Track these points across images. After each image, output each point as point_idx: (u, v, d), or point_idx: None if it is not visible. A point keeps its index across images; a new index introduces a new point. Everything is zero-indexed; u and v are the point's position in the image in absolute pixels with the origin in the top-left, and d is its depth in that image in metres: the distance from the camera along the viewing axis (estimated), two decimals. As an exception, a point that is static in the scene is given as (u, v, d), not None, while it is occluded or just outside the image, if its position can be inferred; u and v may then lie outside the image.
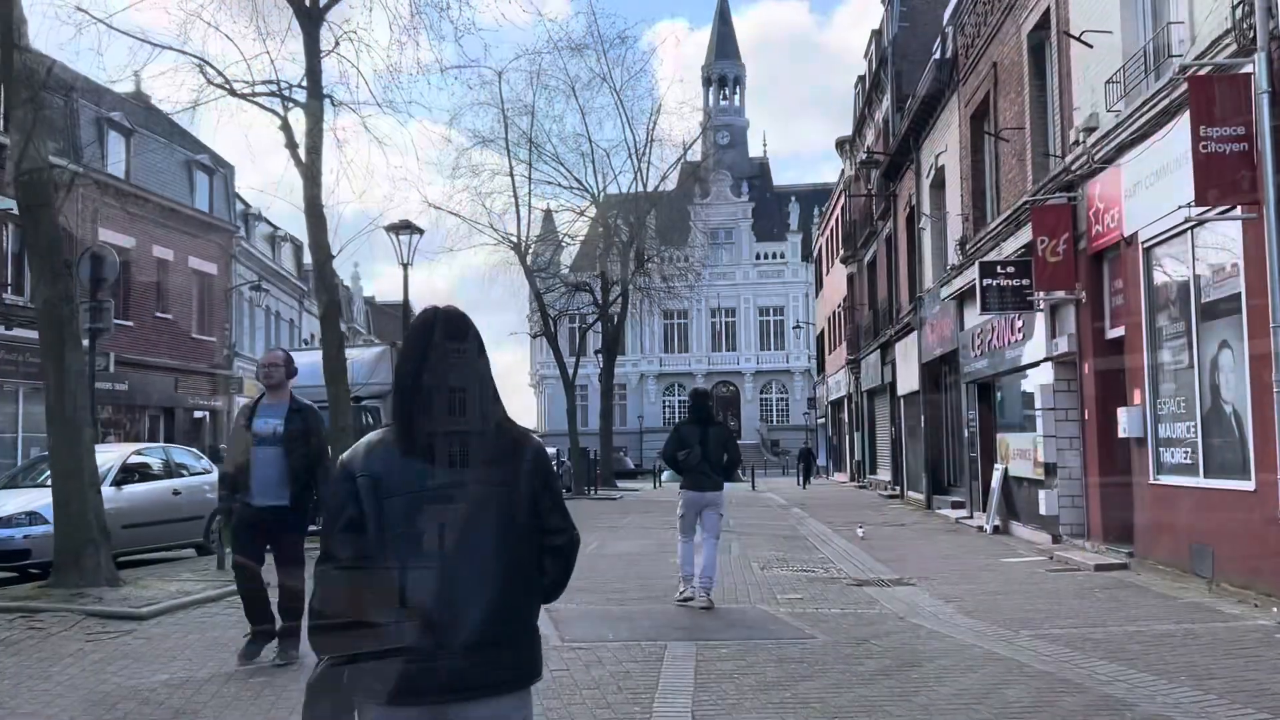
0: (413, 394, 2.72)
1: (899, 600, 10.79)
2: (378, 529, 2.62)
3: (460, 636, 2.59)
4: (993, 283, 15.29)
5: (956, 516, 20.95)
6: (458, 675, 2.59)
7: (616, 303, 36.73)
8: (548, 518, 2.78)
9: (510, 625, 2.69)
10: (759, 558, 14.80)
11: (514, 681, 2.70)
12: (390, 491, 2.64)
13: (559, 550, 2.81)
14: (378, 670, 2.60)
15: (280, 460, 7.26)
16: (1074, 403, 15.05)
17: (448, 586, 2.60)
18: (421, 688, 2.59)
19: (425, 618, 2.58)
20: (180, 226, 34.12)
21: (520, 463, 2.76)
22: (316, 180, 16.07)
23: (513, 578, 2.70)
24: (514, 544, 2.70)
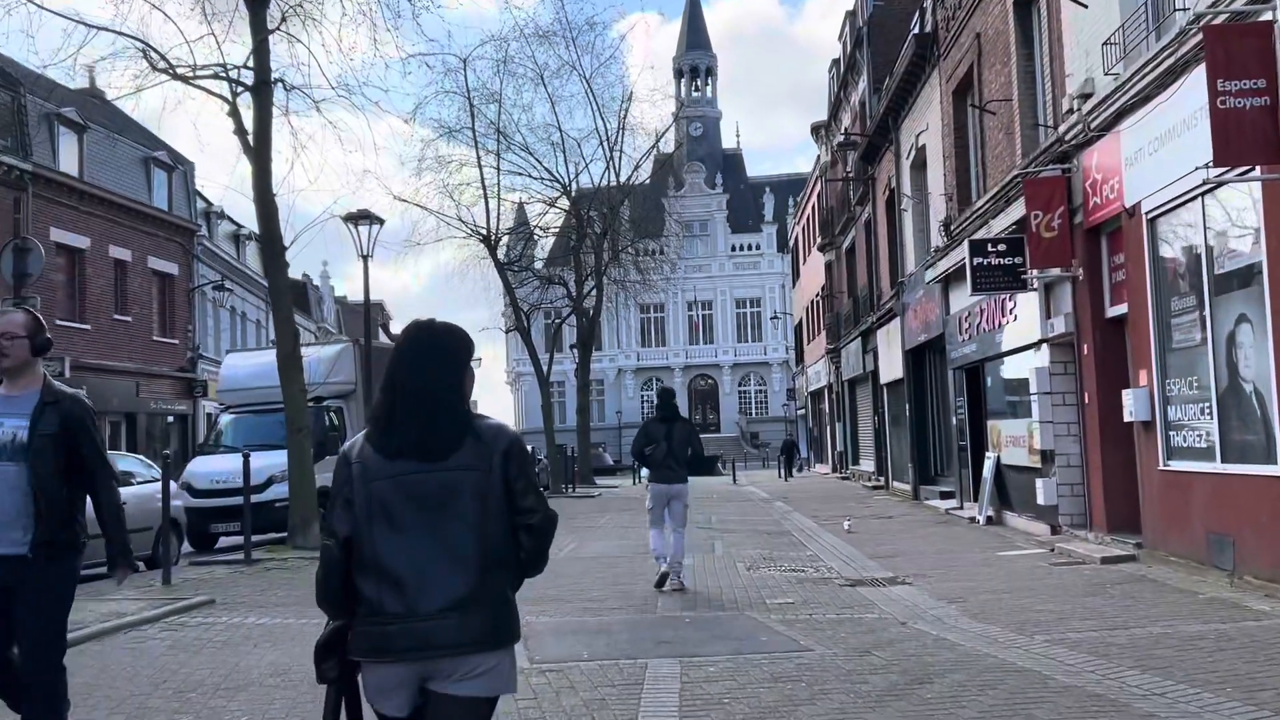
0: (389, 397, 3.14)
1: (897, 602, 10.00)
2: (366, 509, 3.04)
3: (433, 602, 2.95)
4: (983, 261, 14.52)
5: (946, 507, 20.22)
6: (431, 635, 2.94)
7: (591, 295, 35.85)
8: (521, 499, 3.11)
9: (480, 592, 3.00)
10: (744, 557, 13.99)
11: (484, 641, 3.01)
12: (374, 477, 3.06)
13: (533, 528, 3.13)
14: (367, 632, 3.00)
15: (21, 483, 4.67)
16: (1071, 386, 14.30)
17: (422, 558, 2.99)
18: (401, 646, 2.96)
19: (401, 585, 2.97)
20: (138, 225, 32.99)
21: (492, 452, 3.10)
22: (266, 167, 15.14)
23: (483, 552, 3.03)
24: (484, 522, 3.05)
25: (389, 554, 3.01)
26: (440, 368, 3.16)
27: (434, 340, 3.21)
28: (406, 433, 3.08)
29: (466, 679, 3.02)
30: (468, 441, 3.10)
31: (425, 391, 3.12)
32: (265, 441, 17.78)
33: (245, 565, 13.59)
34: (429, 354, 3.17)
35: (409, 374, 3.14)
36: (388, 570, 3.00)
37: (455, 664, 3.01)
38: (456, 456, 3.07)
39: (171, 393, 35.16)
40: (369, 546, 3.03)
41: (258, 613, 10.01)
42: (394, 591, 2.99)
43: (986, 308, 17.00)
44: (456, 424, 3.12)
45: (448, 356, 3.19)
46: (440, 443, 3.09)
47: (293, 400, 15.11)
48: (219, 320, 39.41)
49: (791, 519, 20.71)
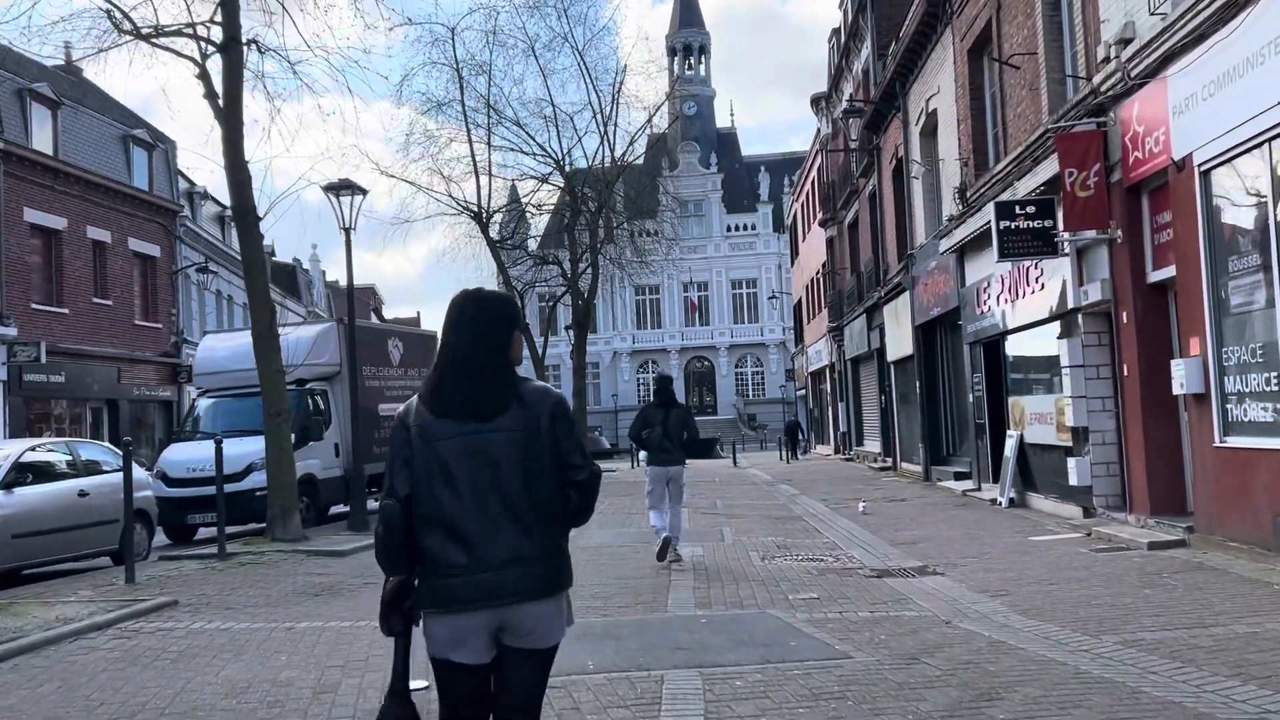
0: (440, 361, 3.36)
1: (934, 596, 9.02)
2: (426, 469, 3.25)
3: (494, 555, 3.19)
4: (1010, 225, 13.49)
5: (963, 489, 19.24)
6: (495, 586, 3.18)
7: (586, 275, 34.74)
8: (568, 457, 3.34)
9: (536, 545, 3.24)
10: (757, 545, 13.02)
11: (543, 590, 3.24)
12: (433, 438, 3.26)
13: (580, 484, 3.35)
14: (433, 585, 3.20)
15: None
16: (1107, 358, 13.32)
17: (483, 514, 3.21)
18: (466, 597, 3.17)
19: (465, 540, 3.19)
20: (117, 206, 31.85)
21: (539, 413, 3.30)
22: (237, 131, 14.05)
23: (537, 506, 3.26)
24: (536, 479, 3.27)
25: (451, 510, 3.19)
26: (485, 334, 3.33)
27: (479, 307, 3.37)
28: (455, 394, 3.26)
29: (535, 635, 3.25)
30: (514, 404, 3.28)
31: (471, 356, 3.29)
32: (245, 427, 16.79)
33: (218, 560, 12.58)
34: (475, 321, 3.34)
35: (457, 340, 3.32)
36: (451, 526, 3.18)
37: (523, 616, 3.21)
38: (504, 418, 3.26)
39: (155, 378, 34.08)
40: (431, 504, 3.21)
41: (223, 615, 9.00)
42: (458, 545, 3.18)
43: (1009, 276, 15.99)
44: (501, 387, 3.29)
45: (492, 323, 3.35)
46: (486, 404, 3.27)
47: (270, 381, 14.07)
48: (204, 303, 38.30)
49: (800, 503, 19.74)
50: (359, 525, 15.97)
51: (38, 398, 28.12)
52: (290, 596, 9.98)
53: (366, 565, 12.12)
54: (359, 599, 9.74)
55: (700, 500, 19.66)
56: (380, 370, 20.28)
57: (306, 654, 7.35)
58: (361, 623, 8.43)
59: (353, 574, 11.41)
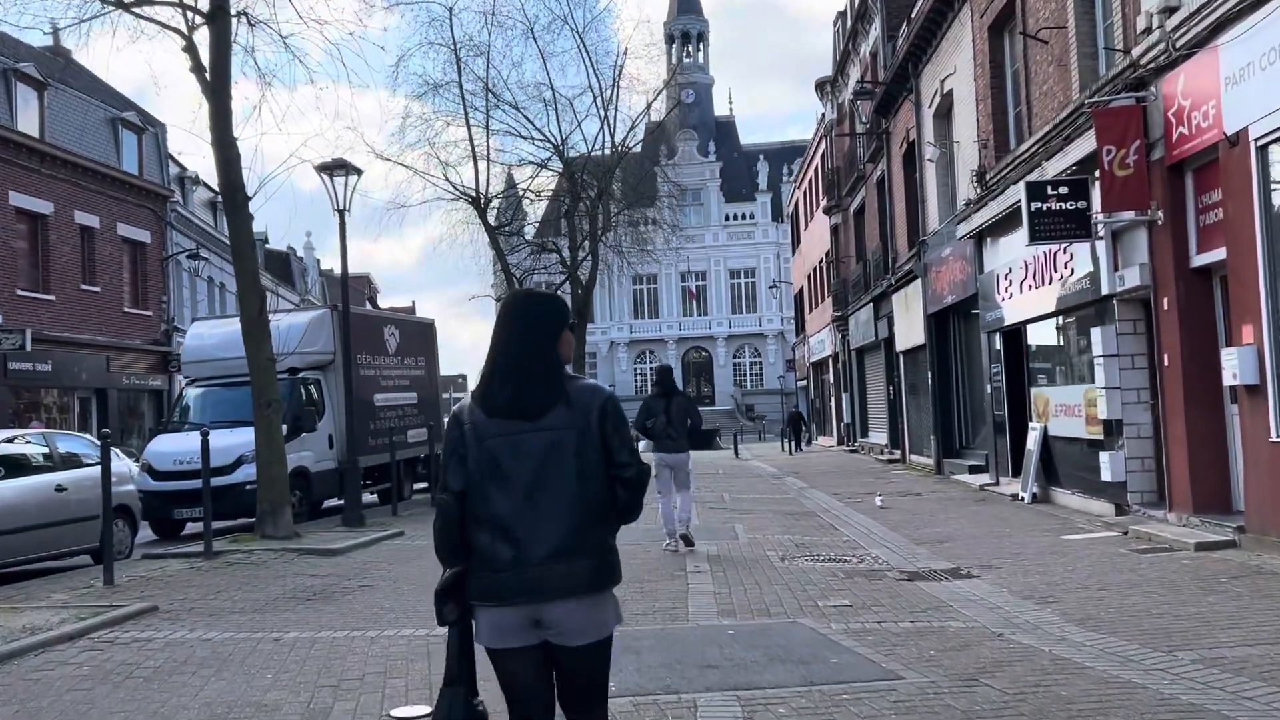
0: (490, 360, 3.40)
1: (975, 603, 8.34)
2: (477, 466, 3.30)
3: (540, 551, 3.23)
4: (1042, 207, 12.79)
5: (980, 483, 18.57)
6: (540, 582, 3.21)
7: (585, 264, 33.97)
8: (617, 455, 3.36)
9: (582, 542, 3.28)
10: (773, 544, 12.34)
11: (589, 587, 3.28)
12: (485, 435, 3.31)
13: (628, 481, 3.38)
14: (481, 579, 3.27)
15: None
16: (1143, 347, 12.65)
17: (530, 511, 3.25)
18: (513, 591, 3.22)
19: (512, 536, 3.23)
20: (106, 190, 31.06)
21: (588, 411, 3.33)
22: (225, 106, 13.29)
23: (585, 503, 3.29)
24: (584, 477, 3.30)
25: (499, 507, 3.25)
26: (534, 333, 3.37)
27: (526, 308, 3.41)
28: (502, 393, 3.32)
29: (575, 632, 3.28)
30: (562, 402, 3.31)
31: (520, 355, 3.35)
32: (235, 418, 16.09)
33: (204, 559, 11.87)
34: (523, 320, 3.39)
35: (506, 339, 3.37)
36: (499, 522, 3.25)
37: (561, 615, 3.24)
38: (552, 416, 3.30)
39: (145, 367, 33.34)
40: (481, 501, 3.27)
41: (207, 623, 8.30)
42: (505, 542, 3.23)
43: (1034, 262, 15.30)
44: (548, 386, 3.33)
45: (539, 323, 3.39)
46: (534, 403, 3.31)
47: (259, 370, 13.34)
48: (195, 291, 37.50)
49: (811, 497, 19.07)
50: (354, 521, 15.28)
51: (25, 387, 27.37)
52: (279, 601, 9.28)
53: (361, 565, 11.42)
54: (353, 604, 9.04)
55: (707, 494, 18.98)
56: (376, 359, 19.56)
57: (295, 671, 6.66)
58: (356, 633, 7.74)
59: (347, 575, 10.71)
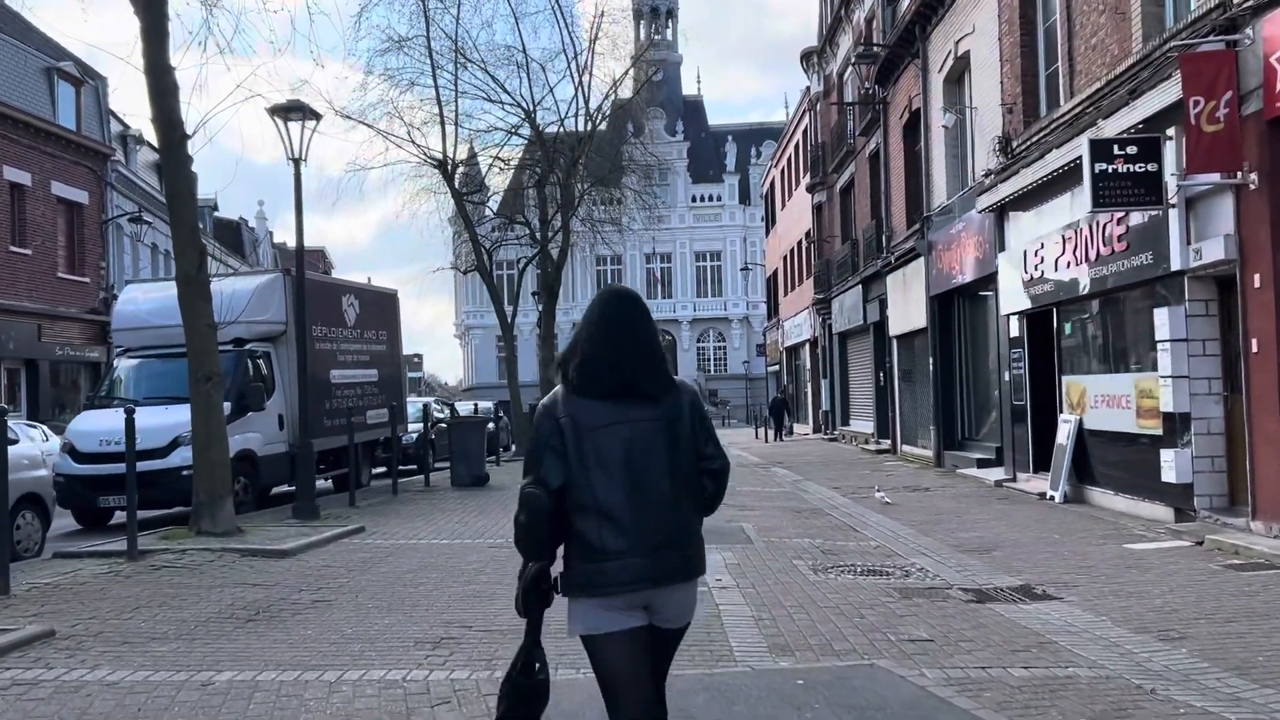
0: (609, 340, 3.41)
1: (1082, 637, 6.73)
2: (581, 457, 3.30)
3: (650, 540, 3.28)
4: (1108, 168, 11.18)
5: (995, 478, 17.04)
6: (650, 569, 3.27)
7: (555, 238, 32.09)
8: (704, 447, 3.46)
9: (685, 530, 3.38)
10: (795, 549, 10.70)
11: (688, 574, 3.39)
12: (589, 426, 3.32)
13: (715, 473, 3.49)
14: (587, 569, 3.28)
15: None
16: (1215, 331, 11.13)
17: (638, 500, 3.29)
18: (623, 579, 3.26)
19: (621, 525, 3.27)
20: (39, 145, 28.73)
21: (682, 404, 3.44)
22: (160, 27, 11.31)
23: (684, 492, 3.38)
24: (683, 466, 3.38)
25: (608, 497, 3.28)
26: (648, 323, 3.50)
27: (637, 301, 3.55)
28: (628, 373, 3.37)
29: (675, 615, 3.42)
30: (673, 387, 3.45)
31: (644, 339, 3.45)
32: (173, 393, 14.19)
33: (127, 560, 9.99)
34: (636, 311, 3.49)
35: (621, 324, 3.43)
36: (608, 512, 3.28)
37: (667, 597, 3.35)
38: (661, 405, 3.39)
39: (81, 337, 31.04)
40: (588, 492, 3.29)
41: (116, 656, 6.46)
42: (614, 531, 3.27)
43: (1075, 236, 13.73)
44: (665, 368, 3.47)
45: (647, 312, 3.53)
46: (657, 384, 3.42)
47: (197, 338, 11.42)
48: (138, 257, 35.16)
49: (809, 490, 17.47)
50: (306, 513, 13.43)
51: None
52: (212, 622, 7.46)
53: (315, 572, 9.60)
54: (305, 628, 7.23)
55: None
56: (333, 331, 17.66)
57: (226, 738, 4.88)
58: (310, 675, 5.95)
59: (298, 585, 8.89)
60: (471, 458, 18.87)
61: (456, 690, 5.62)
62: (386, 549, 11.03)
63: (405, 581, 9.00)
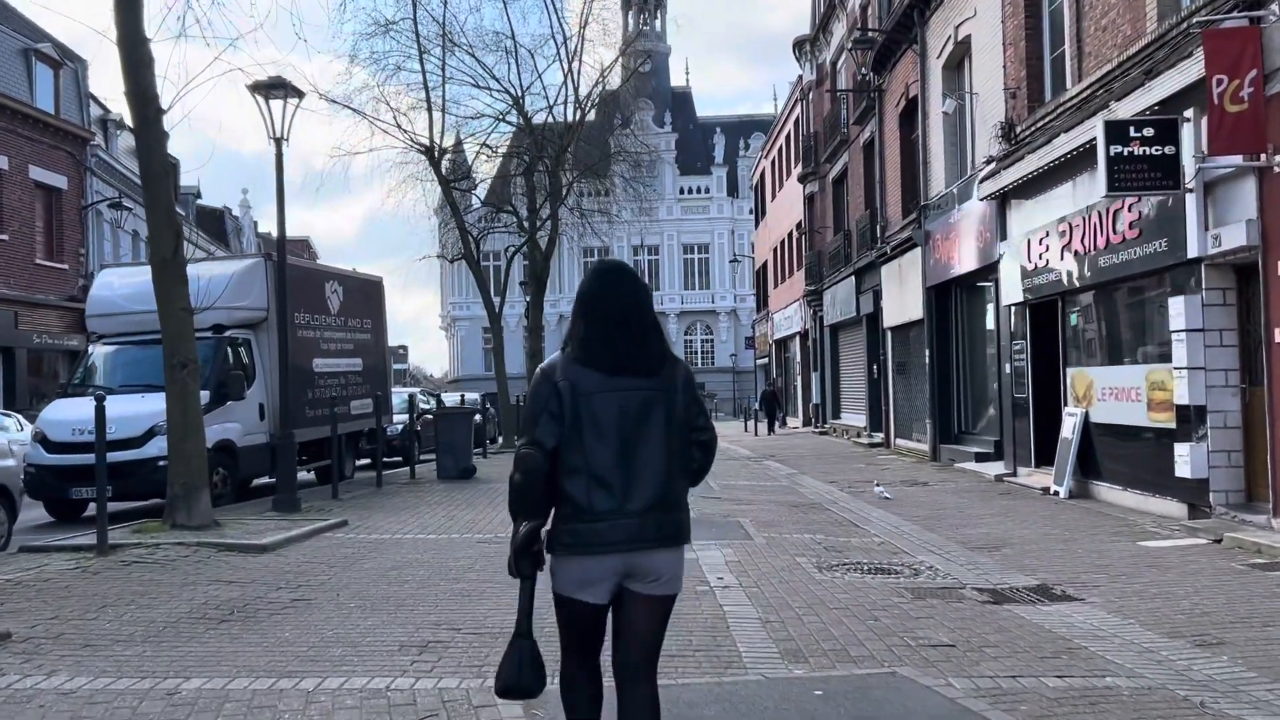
0: (603, 324, 3.46)
1: (1113, 642, 6.31)
2: (576, 421, 3.38)
3: (637, 502, 3.38)
4: (1123, 151, 10.76)
5: (995, 473, 16.65)
6: (634, 531, 3.37)
7: (544, 228, 31.58)
8: (695, 419, 3.57)
9: (672, 496, 3.45)
10: (797, 546, 10.26)
11: (674, 539, 3.47)
12: (585, 392, 3.40)
13: (704, 444, 3.61)
14: (576, 529, 3.37)
15: None
16: (1233, 321, 10.74)
17: (628, 464, 3.38)
18: (611, 539, 3.36)
19: (610, 487, 3.36)
20: (16, 128, 28.06)
21: (676, 377, 3.54)
22: None
23: (672, 461, 3.46)
24: (672, 436, 3.47)
25: (599, 460, 3.36)
26: (643, 296, 3.56)
27: (630, 274, 3.61)
28: (626, 349, 3.45)
29: (661, 581, 3.47)
30: (668, 361, 3.53)
31: (636, 316, 3.50)
32: (149, 381, 13.68)
33: (97, 555, 9.49)
34: (631, 285, 3.56)
35: (616, 300, 3.50)
36: (598, 474, 3.36)
37: (653, 562, 3.42)
38: (657, 376, 3.48)
39: (59, 325, 30.38)
40: (579, 454, 3.36)
41: (76, 660, 5.98)
42: (604, 492, 3.36)
43: (1082, 223, 13.32)
44: (662, 344, 3.55)
45: (643, 286, 3.60)
46: (654, 360, 3.50)
47: (172, 322, 10.90)
48: (118, 244, 34.49)
49: (805, 485, 17.04)
50: (287, 505, 12.94)
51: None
52: (183, 623, 6.98)
53: (295, 568, 9.11)
54: (282, 630, 6.75)
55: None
56: (316, 319, 17.14)
57: (190, 758, 4.41)
58: (286, 682, 5.47)
59: (276, 582, 8.41)
60: (458, 450, 18.40)
61: (445, 701, 5.16)
62: (370, 544, 10.55)
63: (389, 579, 8.53)
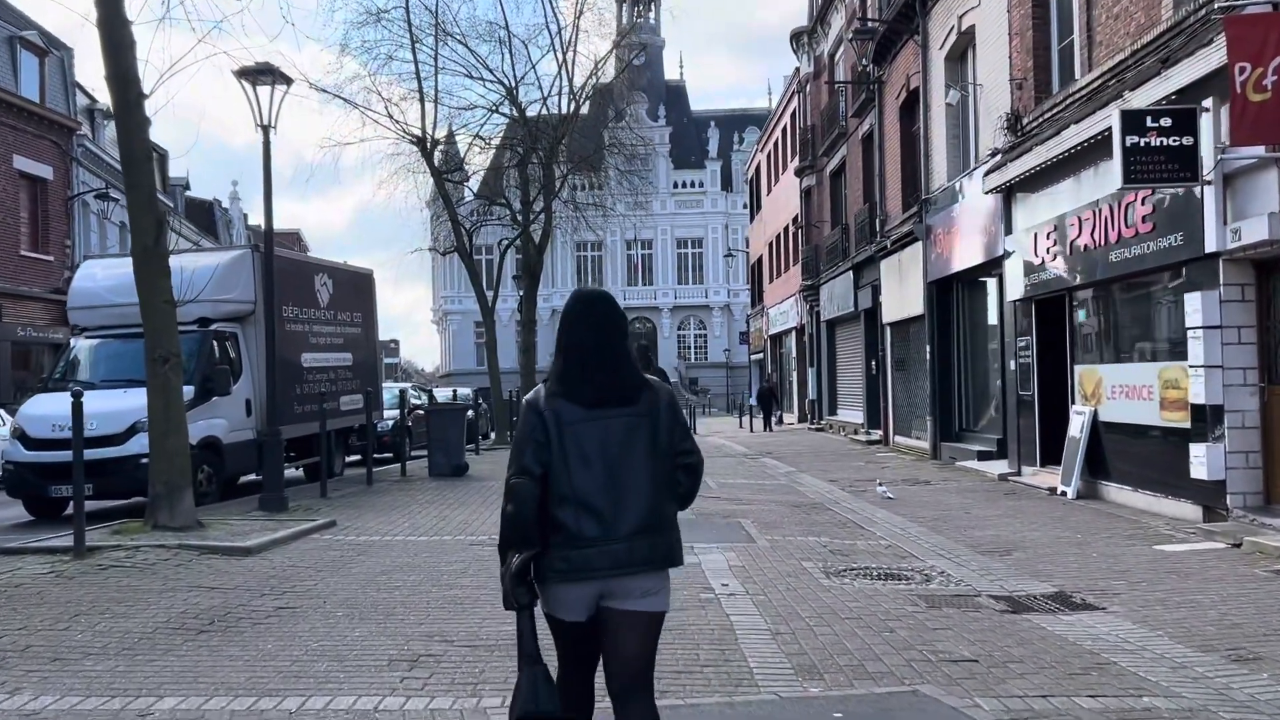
0: (578, 357, 3.52)
1: (1142, 656, 5.98)
2: (562, 450, 3.42)
3: (624, 527, 3.40)
4: (1139, 141, 10.41)
5: (998, 472, 16.32)
6: (622, 556, 3.40)
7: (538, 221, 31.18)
8: (680, 443, 3.58)
9: (658, 519, 3.47)
10: (801, 549, 9.91)
11: (662, 561, 3.49)
12: (570, 421, 3.44)
13: (690, 467, 3.61)
14: (567, 556, 3.39)
15: None
16: (1252, 318, 10.40)
17: (614, 490, 3.42)
18: (599, 565, 3.39)
19: (598, 514, 3.39)
20: (1, 117, 27.55)
21: (658, 403, 3.56)
22: (116, -25, 10.37)
23: (658, 485, 3.48)
24: (657, 460, 3.49)
25: (586, 488, 3.40)
26: (615, 328, 3.59)
27: (604, 306, 3.61)
28: (601, 383, 3.49)
29: (645, 597, 3.47)
30: (646, 390, 3.56)
31: (609, 348, 3.54)
32: (132, 376, 13.22)
33: (73, 558, 9.11)
34: (607, 314, 3.59)
35: (593, 335, 3.54)
36: (585, 501, 3.39)
37: (637, 582, 3.43)
38: (640, 402, 3.51)
39: (45, 318, 29.92)
40: (566, 482, 3.40)
41: (42, 676, 5.60)
42: (592, 519, 3.39)
43: (1093, 216, 12.98)
44: (636, 374, 3.57)
45: (618, 320, 3.61)
46: (629, 391, 3.52)
47: (154, 314, 10.50)
48: (105, 235, 34.01)
49: (804, 483, 16.70)
50: (274, 505, 12.56)
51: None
52: (160, 633, 6.60)
53: (280, 573, 8.73)
54: (265, 642, 6.38)
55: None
56: (305, 312, 16.73)
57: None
58: (267, 702, 5.10)
59: (260, 589, 8.03)
60: (451, 446, 18.01)
61: (437, 724, 4.79)
62: (359, 546, 10.18)
63: (379, 585, 8.16)
